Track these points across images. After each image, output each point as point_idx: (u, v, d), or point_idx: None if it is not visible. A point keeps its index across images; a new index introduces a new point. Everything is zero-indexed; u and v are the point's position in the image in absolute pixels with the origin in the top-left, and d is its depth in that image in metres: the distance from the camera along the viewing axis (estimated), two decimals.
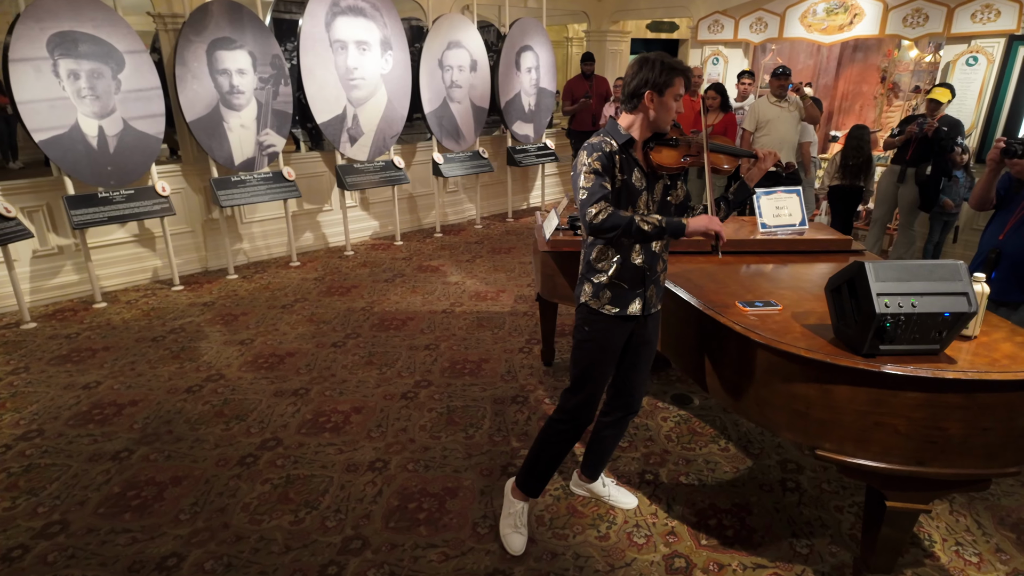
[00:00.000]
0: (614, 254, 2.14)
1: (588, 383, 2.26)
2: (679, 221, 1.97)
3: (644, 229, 1.94)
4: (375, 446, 3.10)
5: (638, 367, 2.36)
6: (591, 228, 1.95)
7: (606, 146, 2.03)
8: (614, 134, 2.08)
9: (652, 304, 2.24)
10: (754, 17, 6.69)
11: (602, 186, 1.97)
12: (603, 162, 2.00)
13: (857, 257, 2.93)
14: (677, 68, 2.00)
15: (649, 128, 2.09)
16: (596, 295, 2.18)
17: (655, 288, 2.23)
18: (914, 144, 5.16)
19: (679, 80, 2.01)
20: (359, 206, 6.69)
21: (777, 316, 2.23)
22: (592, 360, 2.24)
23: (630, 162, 2.07)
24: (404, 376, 3.79)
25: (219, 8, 4.94)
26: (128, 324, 4.56)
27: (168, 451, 3.07)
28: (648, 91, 2.01)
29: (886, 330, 1.84)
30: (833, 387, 1.94)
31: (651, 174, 2.12)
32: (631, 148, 2.08)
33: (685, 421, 3.32)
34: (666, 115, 2.05)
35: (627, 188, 2.07)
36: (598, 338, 2.21)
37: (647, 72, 2.00)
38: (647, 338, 2.31)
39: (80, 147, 4.50)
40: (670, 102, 2.03)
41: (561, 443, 2.36)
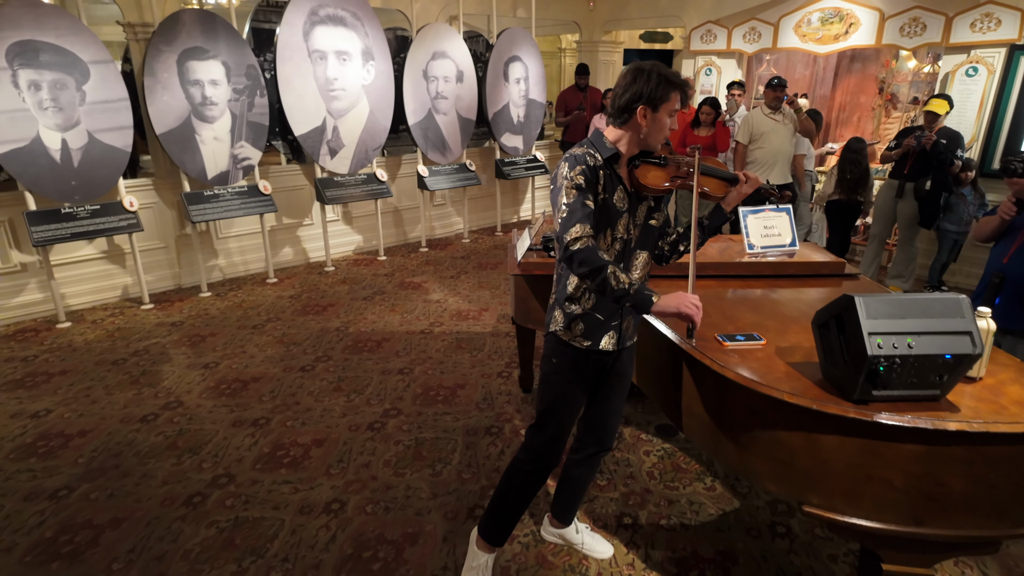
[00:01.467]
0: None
1: (555, 420, 2.07)
2: (648, 296, 1.73)
3: (611, 285, 1.72)
4: (334, 484, 2.88)
5: (611, 401, 2.16)
6: (566, 254, 1.75)
7: (590, 159, 1.83)
8: (599, 147, 1.87)
9: (628, 336, 2.05)
10: (747, 27, 6.53)
11: (584, 204, 1.77)
12: (587, 176, 1.80)
13: (851, 283, 2.73)
14: (674, 82, 1.80)
15: (638, 145, 1.89)
16: (568, 326, 1.98)
17: (632, 320, 2.04)
18: (912, 158, 4.97)
19: (676, 95, 1.80)
20: (341, 220, 6.50)
21: (760, 352, 2.02)
22: (560, 395, 2.05)
23: (613, 179, 1.87)
24: (373, 404, 3.58)
25: (191, 17, 4.77)
26: (90, 345, 4.36)
27: (112, 489, 2.86)
28: (642, 106, 1.80)
29: (879, 374, 1.63)
30: (820, 436, 1.73)
31: (634, 194, 1.92)
32: (615, 164, 1.89)
33: (669, 455, 3.10)
34: (659, 133, 1.86)
35: (607, 208, 1.86)
36: (567, 372, 2.02)
37: (642, 85, 1.79)
38: (621, 371, 2.12)
39: (42, 161, 4.31)
40: (664, 119, 1.83)
41: (526, 486, 2.15)
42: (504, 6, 7.45)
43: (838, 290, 2.67)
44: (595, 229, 1.83)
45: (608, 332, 1.97)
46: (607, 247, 1.88)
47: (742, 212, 3.03)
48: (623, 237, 1.91)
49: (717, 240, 3.37)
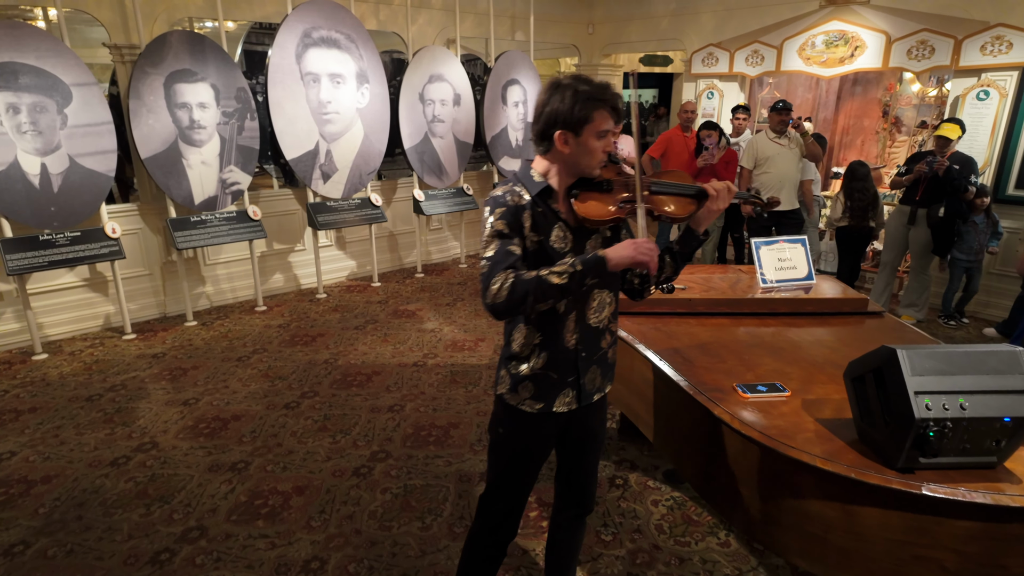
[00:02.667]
0: (541, 338, 1.66)
1: (505, 492, 1.82)
2: (595, 256, 1.49)
3: (555, 283, 1.48)
4: (314, 539, 2.64)
5: (583, 463, 1.89)
6: (495, 312, 1.50)
7: (512, 198, 1.57)
8: (526, 182, 1.61)
9: (593, 391, 1.76)
10: (750, 50, 6.42)
11: (508, 252, 1.53)
12: (508, 220, 1.55)
13: (875, 321, 2.52)
14: (598, 97, 1.50)
15: (570, 174, 1.61)
16: (514, 389, 1.71)
17: (598, 370, 1.76)
18: (924, 184, 4.81)
19: (600, 113, 1.51)
20: (335, 245, 6.31)
21: (785, 406, 1.81)
22: (509, 466, 1.80)
23: (548, 217, 1.60)
24: (360, 446, 3.35)
25: (179, 39, 4.63)
26: (65, 380, 4.13)
27: (72, 544, 2.61)
28: (559, 131, 1.53)
29: (929, 440, 1.42)
30: (859, 509, 1.51)
31: (580, 229, 1.64)
32: (549, 198, 1.62)
33: (679, 506, 2.86)
34: (588, 158, 1.56)
35: (543, 251, 1.60)
36: (516, 442, 1.76)
37: (557, 105, 1.52)
38: (591, 430, 1.84)
39: (19, 186, 4.13)
40: (592, 143, 1.54)
41: (486, 560, 1.90)
42: (502, 29, 7.36)
43: (860, 329, 2.47)
44: None
45: (563, 391, 1.70)
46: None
47: (754, 244, 2.84)
48: None
49: (726, 271, 3.18)
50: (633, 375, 2.36)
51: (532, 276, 1.49)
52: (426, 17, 6.62)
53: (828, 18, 5.83)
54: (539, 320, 1.65)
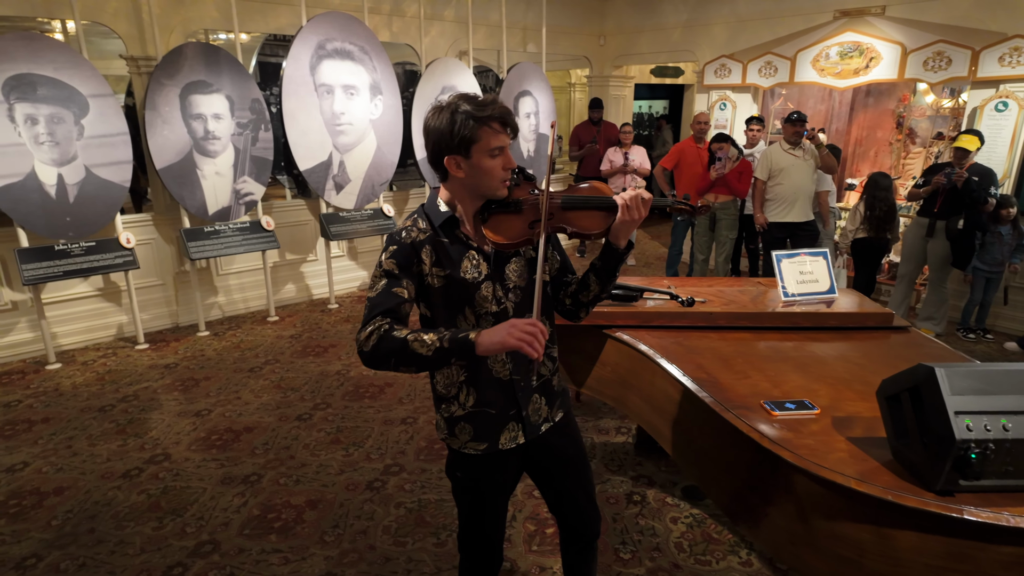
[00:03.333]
0: (467, 374, 1.56)
1: (478, 531, 1.74)
2: (465, 339, 1.35)
3: (419, 352, 1.36)
4: (327, 554, 2.60)
5: (570, 493, 1.78)
6: (363, 359, 1.41)
7: (409, 234, 1.49)
8: (431, 212, 1.53)
9: (541, 421, 1.66)
10: (763, 61, 6.40)
11: (391, 295, 1.44)
12: (398, 260, 1.47)
13: (901, 336, 2.47)
14: (481, 115, 1.41)
15: (474, 197, 1.52)
16: (452, 432, 1.62)
17: (543, 398, 1.65)
18: (942, 195, 4.75)
19: (486, 130, 1.41)
20: (346, 255, 6.31)
21: (814, 424, 1.76)
22: (474, 508, 1.72)
23: (457, 246, 1.52)
24: (373, 459, 3.31)
25: (194, 51, 4.66)
26: (77, 390, 4.12)
27: (84, 558, 2.59)
28: (447, 157, 1.45)
29: (970, 462, 1.37)
30: (895, 532, 1.46)
31: (496, 253, 1.55)
32: (457, 228, 1.53)
33: (699, 523, 2.80)
34: (486, 179, 1.46)
35: (453, 285, 1.50)
36: (475, 485, 1.67)
37: (438, 131, 1.43)
38: (562, 457, 1.73)
39: (35, 196, 4.15)
40: (484, 162, 1.44)
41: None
42: (514, 41, 7.38)
43: (886, 344, 2.42)
44: (448, 313, 1.52)
45: (506, 426, 1.60)
46: (474, 327, 1.48)
47: (775, 256, 2.80)
48: (492, 310, 1.54)
49: (745, 283, 3.13)
50: (654, 390, 2.31)
51: (401, 337, 1.37)
52: (439, 29, 6.65)
53: (842, 29, 5.81)
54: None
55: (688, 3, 7.39)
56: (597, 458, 3.29)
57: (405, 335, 1.38)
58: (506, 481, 1.70)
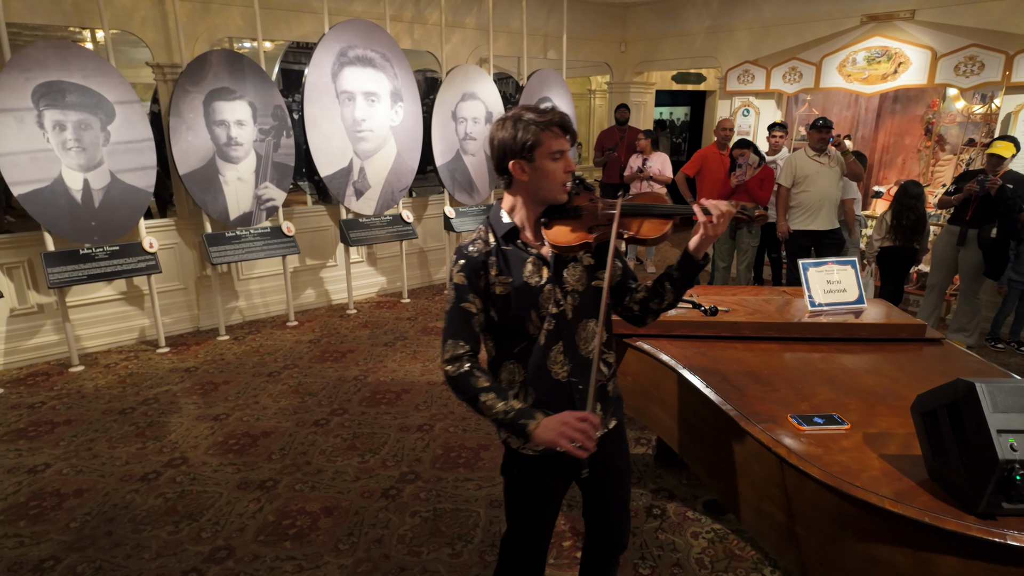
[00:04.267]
0: (526, 375, 1.63)
1: (526, 533, 1.75)
2: (523, 427, 1.47)
3: (483, 412, 1.53)
4: (342, 563, 2.57)
5: (608, 501, 1.80)
6: (447, 379, 1.58)
7: (475, 248, 1.58)
8: (494, 224, 1.62)
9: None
10: (787, 67, 6.30)
11: (461, 313, 1.57)
12: (468, 274, 1.56)
13: (934, 348, 2.38)
14: (540, 122, 1.50)
15: (536, 203, 1.59)
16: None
17: (599, 403, 1.69)
18: (974, 203, 4.61)
19: (548, 135, 1.50)
20: (365, 261, 6.33)
21: (845, 440, 1.69)
22: (526, 509, 1.73)
23: (519, 255, 1.59)
24: (389, 466, 3.28)
25: (218, 58, 4.72)
26: (99, 392, 4.17)
27: (100, 561, 2.59)
28: (512, 161, 1.53)
29: (1015, 484, 1.29)
30: (934, 557, 1.39)
31: (557, 259, 1.60)
32: (518, 236, 1.60)
33: (721, 539, 2.72)
34: (549, 183, 1.55)
35: (517, 294, 1.57)
36: (526, 486, 1.70)
37: (504, 138, 1.52)
38: (610, 464, 1.75)
39: (62, 201, 4.22)
40: (547, 166, 1.52)
41: None
42: (535, 48, 7.37)
43: (919, 357, 2.33)
44: (517, 317, 1.58)
45: None
46: (538, 329, 1.59)
47: (802, 265, 2.72)
48: (553, 312, 1.59)
49: (770, 292, 3.05)
50: (676, 401, 2.25)
51: (476, 388, 1.52)
52: (460, 36, 6.67)
53: (870, 34, 5.70)
54: (522, 355, 1.62)
55: (711, 9, 7.32)
56: None
57: (479, 389, 1.53)
58: (558, 485, 1.73)
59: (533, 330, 1.59)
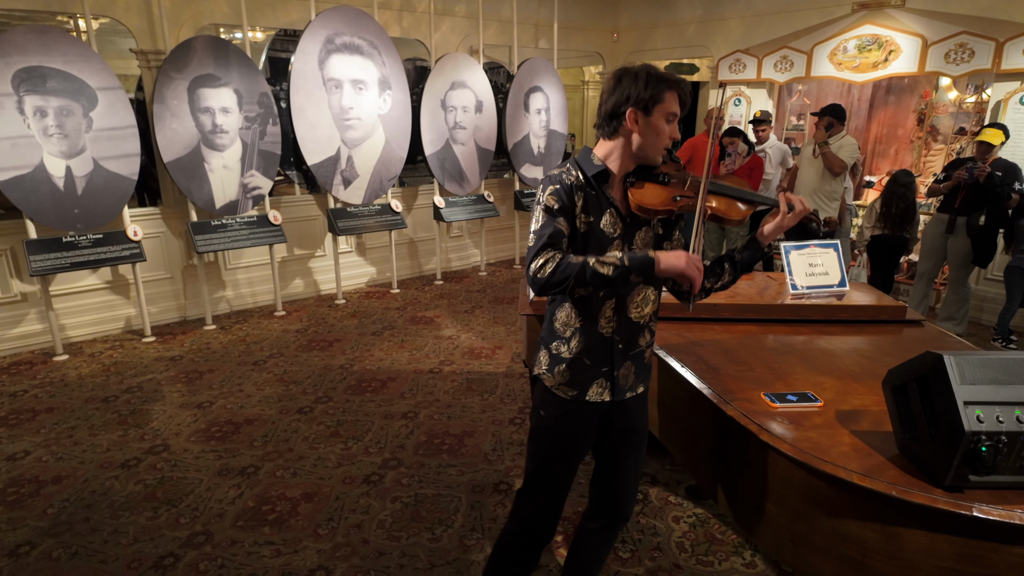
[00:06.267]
0: (581, 322, 1.65)
1: (546, 483, 1.77)
2: (646, 256, 1.49)
3: (600, 272, 1.47)
4: (320, 547, 2.55)
5: (623, 464, 1.82)
6: (535, 286, 1.51)
7: (568, 177, 1.57)
8: (584, 164, 1.61)
9: (627, 387, 1.73)
10: (779, 55, 6.27)
11: (555, 228, 1.53)
12: (560, 198, 1.56)
13: (914, 330, 2.36)
14: (668, 80, 1.54)
15: (633, 159, 1.61)
16: (551, 369, 1.71)
17: (633, 367, 1.72)
18: (963, 191, 4.60)
19: (671, 95, 1.53)
20: (355, 251, 6.29)
21: (817, 416, 1.67)
22: (550, 454, 1.75)
23: (600, 201, 1.60)
24: (371, 453, 3.26)
25: (203, 44, 4.67)
26: (83, 381, 4.14)
27: (76, 546, 2.57)
28: (631, 109, 1.53)
29: (981, 456, 1.28)
30: (902, 531, 1.37)
31: (631, 218, 1.63)
32: (605, 183, 1.61)
33: (702, 523, 2.71)
34: (655, 140, 1.57)
35: (593, 234, 1.60)
36: (557, 427, 1.73)
37: (628, 86, 1.54)
38: (631, 425, 1.79)
39: (44, 188, 4.18)
40: (661, 124, 1.55)
41: (519, 564, 1.84)
42: (526, 37, 7.32)
43: (899, 339, 2.31)
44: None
45: (597, 380, 1.68)
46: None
47: (784, 248, 2.70)
48: None
49: (752, 278, 3.04)
50: (653, 384, 2.24)
51: (579, 261, 1.48)
52: (449, 24, 6.62)
53: (861, 22, 5.67)
54: (580, 303, 1.64)
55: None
56: None
57: (584, 259, 1.48)
58: (585, 433, 1.73)
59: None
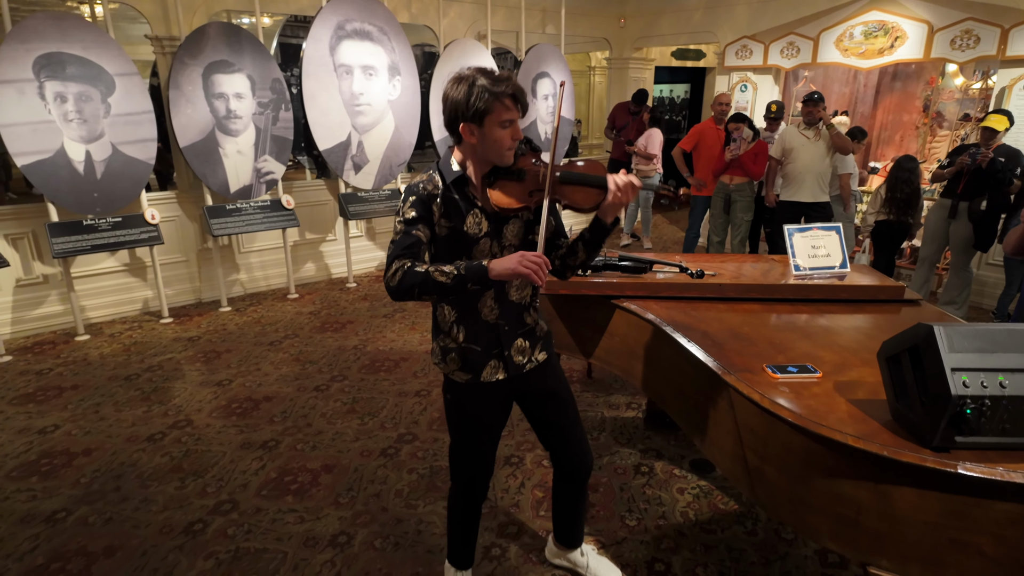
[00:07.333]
0: (457, 314, 1.79)
1: (465, 452, 1.97)
2: (479, 265, 1.57)
3: (439, 281, 1.58)
4: (341, 515, 2.68)
5: (558, 427, 1.98)
6: (390, 292, 1.62)
7: (425, 187, 1.67)
8: (444, 170, 1.69)
9: (526, 360, 1.86)
10: (785, 42, 6.30)
11: (412, 239, 1.63)
12: (418, 209, 1.65)
13: (912, 310, 2.46)
14: (496, 90, 1.55)
15: (482, 163, 1.68)
16: (444, 360, 1.85)
17: (526, 342, 1.86)
18: (966, 177, 4.66)
19: (500, 104, 1.56)
20: (365, 236, 6.40)
21: (816, 387, 1.78)
22: (461, 430, 1.95)
23: (463, 203, 1.68)
24: (387, 428, 3.39)
25: (216, 31, 4.74)
26: (104, 360, 4.27)
27: (110, 513, 2.71)
28: (463, 124, 1.59)
29: (966, 418, 1.38)
30: (893, 489, 1.48)
31: (496, 214, 1.71)
32: (466, 186, 1.69)
33: (706, 494, 2.83)
34: (495, 147, 1.61)
35: (456, 236, 1.69)
36: (460, 407, 1.90)
37: (457, 97, 1.57)
38: (546, 391, 1.94)
39: (64, 173, 4.28)
40: (495, 132, 1.59)
41: (465, 514, 2.09)
42: (533, 23, 7.36)
43: (897, 317, 2.41)
44: (449, 259, 1.68)
45: (489, 363, 1.81)
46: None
47: (787, 231, 2.79)
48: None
49: (759, 260, 3.13)
50: (660, 358, 2.34)
51: (422, 270, 1.58)
52: (457, 10, 6.66)
53: (867, 8, 5.70)
54: (456, 298, 1.76)
55: None
56: (607, 432, 3.33)
57: (426, 268, 1.59)
58: (491, 410, 1.89)
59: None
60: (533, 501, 2.77)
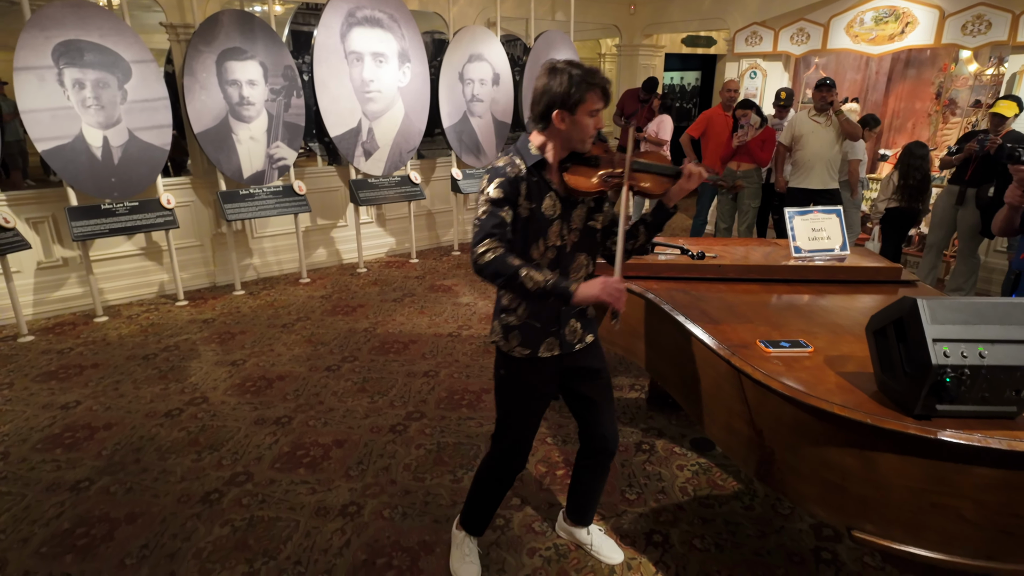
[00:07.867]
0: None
1: (511, 429, 2.06)
2: (566, 288, 1.70)
3: (525, 285, 1.70)
4: (352, 487, 2.79)
5: (595, 404, 2.09)
6: (475, 267, 1.73)
7: (511, 170, 1.77)
8: (524, 154, 1.81)
9: (576, 340, 1.99)
10: (795, 28, 6.28)
11: (497, 218, 1.74)
12: (505, 190, 1.75)
13: (908, 290, 2.50)
14: (591, 81, 1.70)
15: (564, 148, 1.81)
16: (505, 337, 1.95)
17: (578, 322, 1.98)
18: (974, 163, 4.65)
19: (593, 95, 1.71)
20: (375, 222, 6.49)
21: (807, 360, 1.84)
22: (511, 405, 2.05)
23: (541, 186, 1.81)
24: (396, 406, 3.49)
25: (230, 18, 4.82)
26: (123, 340, 4.40)
27: (131, 483, 2.83)
28: (557, 111, 1.72)
29: (946, 386, 1.44)
30: (877, 456, 1.54)
31: (568, 198, 1.84)
32: (544, 170, 1.82)
33: (704, 471, 2.91)
34: (581, 133, 1.76)
35: (535, 218, 1.81)
36: (513, 383, 2.01)
37: (555, 87, 1.71)
38: (589, 368, 2.05)
39: (83, 158, 4.40)
40: (584, 120, 1.74)
41: (496, 484, 2.18)
42: (543, 9, 7.37)
43: (894, 298, 2.45)
44: (524, 238, 1.81)
45: (546, 339, 1.93)
46: (540, 255, 1.85)
47: (788, 213, 2.84)
48: (556, 244, 1.86)
49: (762, 244, 3.18)
50: (661, 337, 2.41)
51: (515, 265, 1.69)
52: None
53: None
54: None
55: None
56: None
57: (518, 266, 1.70)
58: (543, 384, 2.00)
59: (536, 255, 1.84)
60: (537, 475, 2.85)
